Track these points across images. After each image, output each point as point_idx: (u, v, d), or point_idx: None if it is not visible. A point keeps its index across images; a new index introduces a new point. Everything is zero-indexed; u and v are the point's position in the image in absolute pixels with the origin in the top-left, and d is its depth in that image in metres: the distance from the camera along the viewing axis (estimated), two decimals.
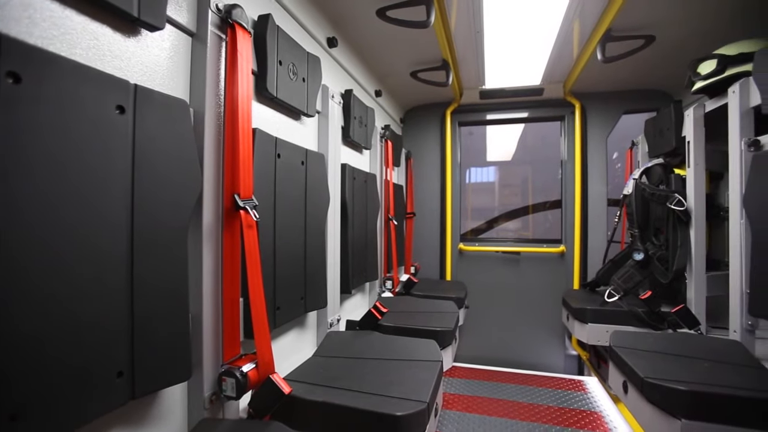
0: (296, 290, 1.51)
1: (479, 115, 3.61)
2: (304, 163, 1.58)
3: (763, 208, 1.50)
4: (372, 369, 1.41)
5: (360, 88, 2.54)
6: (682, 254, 2.13)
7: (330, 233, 1.86)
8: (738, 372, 1.35)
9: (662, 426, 1.27)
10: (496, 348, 3.50)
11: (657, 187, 2.32)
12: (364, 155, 2.61)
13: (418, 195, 3.64)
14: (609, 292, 2.47)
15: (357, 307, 2.41)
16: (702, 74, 1.95)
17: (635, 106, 3.19)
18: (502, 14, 2.16)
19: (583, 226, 3.26)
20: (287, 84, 1.48)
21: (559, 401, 2.71)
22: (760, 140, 1.61)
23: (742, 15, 1.91)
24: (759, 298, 1.52)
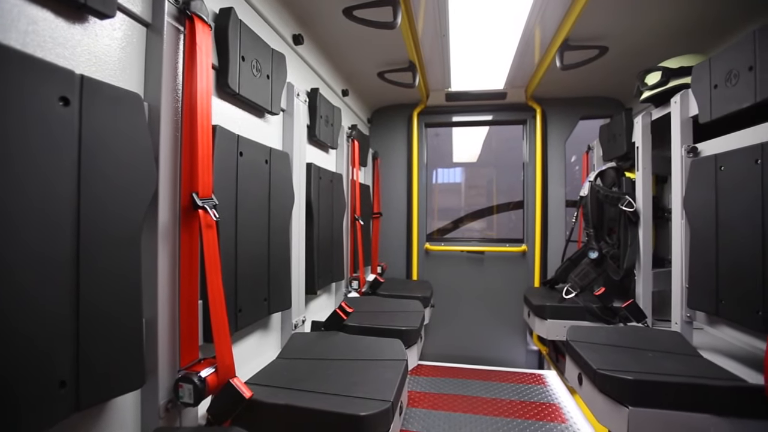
0: (259, 291, 1.48)
1: (445, 117, 3.67)
2: (268, 161, 1.55)
3: (700, 210, 1.63)
4: (337, 370, 1.41)
5: (326, 87, 2.52)
6: (632, 252, 2.27)
7: (295, 233, 1.83)
8: (678, 360, 1.46)
9: (612, 414, 1.34)
10: (461, 345, 3.57)
11: (610, 189, 2.45)
12: (331, 155, 2.59)
13: (384, 195, 3.66)
14: (566, 289, 2.59)
15: (323, 307, 2.39)
16: (649, 84, 2.09)
17: (591, 113, 3.37)
18: (466, 19, 2.21)
19: (544, 226, 3.40)
20: (250, 80, 1.44)
21: (521, 395, 2.81)
22: (698, 147, 1.74)
23: (685, 32, 2.06)
24: (696, 292, 1.65)
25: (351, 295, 2.64)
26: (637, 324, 2.08)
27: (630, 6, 1.89)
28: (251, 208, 1.43)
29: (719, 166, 1.54)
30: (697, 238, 1.67)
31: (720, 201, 1.52)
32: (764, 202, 1.29)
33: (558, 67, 2.39)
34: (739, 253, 1.41)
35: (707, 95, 1.58)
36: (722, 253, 1.50)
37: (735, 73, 1.42)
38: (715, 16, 1.89)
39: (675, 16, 1.94)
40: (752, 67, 1.33)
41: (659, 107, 2.10)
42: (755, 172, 1.34)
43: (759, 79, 1.30)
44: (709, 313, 1.60)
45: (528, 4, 1.99)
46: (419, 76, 2.77)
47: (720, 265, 1.50)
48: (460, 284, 3.58)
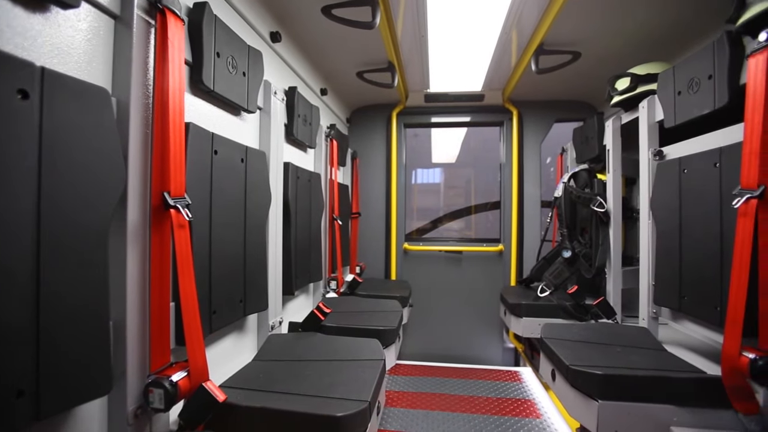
0: (234, 293, 1.45)
1: (424, 118, 3.70)
2: (244, 160, 1.52)
3: (665, 211, 1.70)
4: (314, 371, 1.39)
5: (305, 86, 2.50)
6: (603, 251, 2.35)
7: (272, 233, 1.80)
8: (644, 355, 1.52)
9: (583, 408, 1.39)
10: (439, 344, 3.61)
11: (583, 190, 2.53)
12: (309, 154, 2.57)
13: (363, 195, 3.65)
14: (541, 287, 2.65)
15: (301, 308, 2.37)
16: (618, 90, 2.16)
17: (565, 116, 3.46)
18: (445, 20, 2.23)
19: (520, 226, 3.47)
20: (226, 77, 1.41)
21: (497, 392, 2.86)
22: (663, 151, 1.82)
23: (652, 41, 2.15)
24: (661, 290, 1.72)
25: (329, 296, 2.62)
26: (607, 320, 2.15)
27: (601, 14, 1.96)
28: (226, 208, 1.40)
29: (683, 169, 1.61)
30: (662, 237, 1.74)
31: (683, 202, 1.59)
32: (722, 203, 1.36)
33: (533, 70, 2.45)
34: (700, 252, 1.48)
35: (671, 101, 1.66)
36: (685, 251, 1.57)
37: (696, 81, 1.49)
38: (679, 27, 1.98)
39: (643, 25, 2.02)
40: (711, 75, 1.40)
41: (628, 112, 2.18)
42: (714, 175, 1.41)
43: (717, 87, 1.37)
44: (673, 309, 1.67)
45: (505, 8, 2.03)
46: (398, 76, 2.78)
47: (683, 263, 1.58)
48: (439, 284, 3.62)
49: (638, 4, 1.86)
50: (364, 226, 3.62)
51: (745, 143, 1.19)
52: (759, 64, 1.16)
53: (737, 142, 1.26)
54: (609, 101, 2.27)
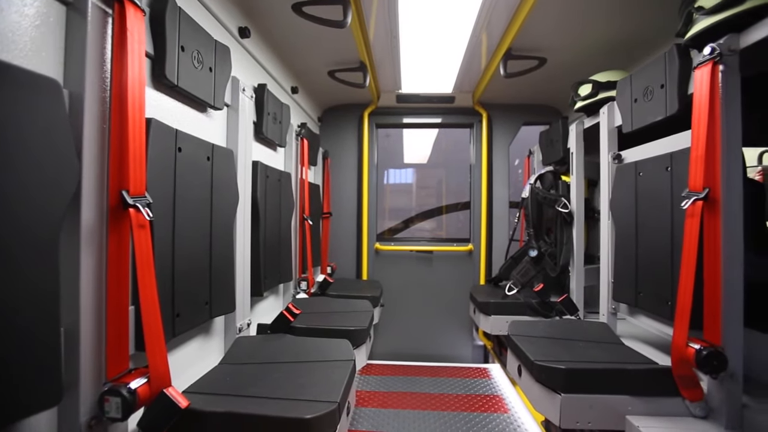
0: (200, 295, 1.40)
1: (396, 118, 3.72)
2: (210, 158, 1.48)
3: (623, 212, 1.79)
4: (283, 373, 1.37)
5: (275, 84, 2.45)
6: (567, 251, 2.44)
7: (239, 233, 1.76)
8: (604, 349, 1.59)
9: (547, 402, 1.44)
10: (411, 343, 3.64)
11: (548, 191, 2.62)
12: (279, 153, 2.52)
13: (335, 195, 3.63)
14: (509, 286, 2.73)
15: (270, 310, 2.32)
16: (581, 95, 2.26)
17: (533, 119, 3.58)
18: (416, 22, 2.26)
19: (489, 226, 3.56)
20: (191, 72, 1.36)
21: (467, 389, 2.92)
22: (622, 154, 1.91)
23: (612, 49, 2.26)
24: (619, 286, 1.81)
25: (299, 296, 2.59)
26: (570, 317, 2.24)
27: (564, 23, 2.04)
28: (191, 207, 1.35)
29: (638, 172, 1.70)
30: (620, 236, 1.83)
31: (639, 204, 1.68)
32: (673, 205, 1.44)
33: (502, 74, 2.51)
34: (654, 250, 1.56)
35: (629, 108, 1.74)
36: (640, 250, 1.66)
37: (650, 89, 1.58)
38: (636, 37, 2.10)
39: (603, 34, 2.12)
40: (663, 85, 1.49)
41: (590, 117, 2.28)
42: (666, 179, 1.49)
43: (668, 96, 1.46)
44: (630, 304, 1.77)
45: (474, 12, 2.07)
46: (370, 76, 2.78)
47: (639, 261, 1.66)
48: (410, 283, 3.65)
49: (599, 15, 1.96)
50: (335, 226, 3.60)
51: (692, 149, 1.27)
52: (704, 75, 1.24)
53: (686, 148, 1.34)
54: (573, 106, 2.36)
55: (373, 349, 3.57)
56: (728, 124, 1.23)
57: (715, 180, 1.22)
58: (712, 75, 1.22)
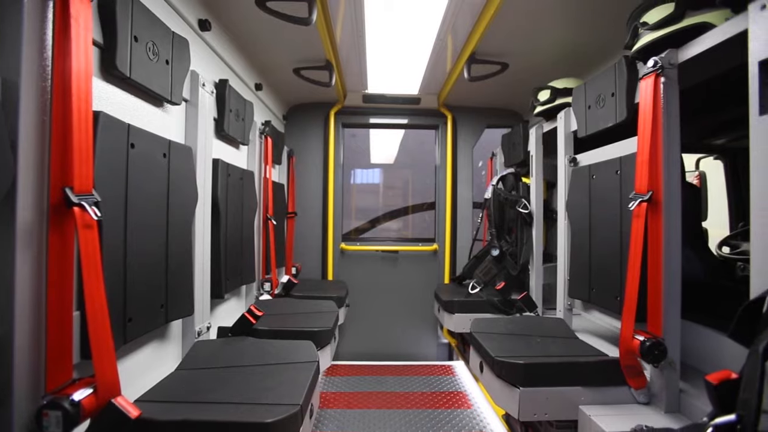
0: (154, 298, 1.34)
1: (362, 118, 3.72)
2: (167, 155, 1.41)
3: (578, 212, 1.89)
4: (243, 377, 1.33)
5: (237, 80, 2.38)
6: (527, 250, 2.54)
7: (199, 233, 1.69)
8: (560, 344, 1.67)
9: (506, 396, 1.49)
10: (376, 343, 3.65)
11: (510, 192, 2.71)
12: (242, 151, 2.45)
13: (300, 194, 3.58)
14: (472, 284, 2.80)
15: (232, 312, 2.25)
16: (541, 101, 2.36)
17: (496, 122, 3.69)
18: (383, 23, 2.26)
19: (453, 226, 3.63)
20: (146, 64, 1.30)
21: (431, 386, 2.97)
22: (577, 158, 2.01)
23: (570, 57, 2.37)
24: (574, 283, 1.91)
25: (263, 298, 2.53)
26: (530, 313, 2.33)
27: (526, 31, 2.12)
28: (145, 206, 1.29)
29: (592, 175, 1.79)
30: (575, 236, 1.92)
31: (592, 205, 1.78)
32: (622, 206, 1.53)
33: (466, 78, 2.57)
34: (605, 249, 1.66)
35: (583, 114, 1.84)
36: (593, 248, 1.75)
37: (603, 97, 1.67)
38: (591, 47, 2.22)
39: (561, 43, 2.23)
40: (614, 93, 1.58)
41: (549, 121, 2.38)
42: (616, 181, 1.59)
43: (618, 104, 1.55)
44: (584, 300, 1.86)
45: (439, 15, 2.11)
46: (336, 75, 2.76)
47: (592, 259, 1.76)
48: (375, 283, 3.66)
49: (557, 24, 2.05)
50: (300, 226, 3.54)
51: (638, 154, 1.35)
52: (648, 86, 1.33)
53: (633, 153, 1.43)
54: (533, 111, 2.46)
55: (338, 350, 3.55)
56: (668, 131, 1.32)
57: (658, 183, 1.31)
58: (655, 86, 1.31)
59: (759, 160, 0.99)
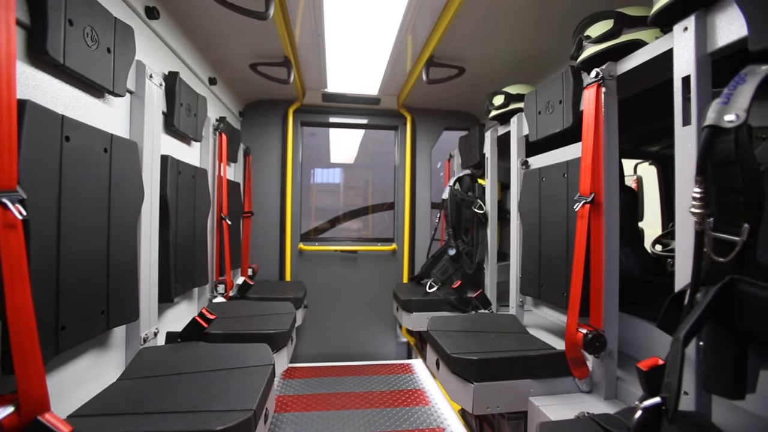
0: (94, 304, 1.24)
1: (321, 117, 3.68)
2: (108, 150, 1.32)
3: (529, 213, 1.98)
4: (193, 384, 1.27)
5: (189, 73, 2.27)
6: (482, 249, 2.62)
7: (145, 234, 1.59)
8: (512, 339, 1.74)
9: (461, 391, 1.53)
10: (336, 344, 3.62)
11: (466, 193, 2.79)
12: (194, 148, 2.34)
13: (257, 193, 3.47)
14: (430, 283, 2.85)
15: (182, 316, 2.14)
16: (495, 105, 2.44)
17: (453, 124, 3.78)
18: (342, 21, 2.25)
19: (412, 225, 3.68)
20: (83, 51, 1.20)
21: (390, 385, 2.99)
22: (529, 161, 2.11)
23: (522, 64, 2.48)
24: (525, 281, 2.00)
25: (216, 301, 2.43)
26: (485, 311, 2.41)
27: (481, 37, 2.19)
28: (83, 205, 1.19)
29: (542, 178, 1.88)
30: (526, 236, 2.01)
31: (542, 206, 1.87)
32: (568, 207, 1.62)
33: (424, 80, 2.62)
34: (553, 247, 1.75)
35: (534, 119, 1.93)
36: (543, 248, 1.84)
37: (551, 103, 1.76)
38: (541, 56, 2.33)
39: (515, 50, 2.32)
40: (561, 101, 1.67)
41: (503, 125, 2.47)
42: (563, 184, 1.68)
43: (565, 111, 1.64)
44: (534, 297, 1.95)
45: (399, 16, 2.13)
46: (295, 73, 2.71)
47: (541, 257, 1.85)
48: (335, 283, 3.63)
49: (512, 32, 2.14)
50: (257, 226, 3.44)
51: (582, 159, 1.44)
52: (590, 95, 1.42)
53: (578, 157, 1.52)
54: (488, 115, 2.54)
55: (296, 352, 3.49)
56: (609, 138, 1.42)
57: (599, 186, 1.41)
58: (597, 95, 1.41)
59: (682, 166, 1.09)
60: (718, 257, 0.86)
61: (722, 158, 0.82)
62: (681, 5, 1.09)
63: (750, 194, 0.80)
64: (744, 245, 0.81)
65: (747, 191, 0.80)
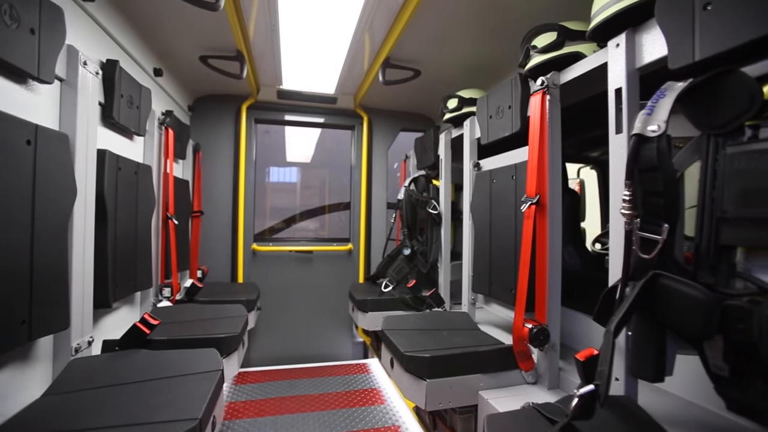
0: (12, 312, 1.12)
1: (277, 115, 3.59)
2: (33, 143, 1.20)
3: (480, 213, 2.05)
4: (132, 395, 1.19)
5: (131, 62, 2.12)
6: (436, 248, 2.68)
7: (78, 235, 1.47)
8: (464, 335, 1.79)
9: (415, 389, 1.56)
10: (290, 346, 3.55)
11: (421, 194, 2.84)
12: (137, 142, 2.19)
13: (207, 192, 3.32)
14: (385, 283, 2.87)
15: (123, 323, 2.00)
16: (449, 108, 2.51)
17: (409, 126, 3.84)
18: (298, 17, 2.21)
19: (368, 225, 3.69)
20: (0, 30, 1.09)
21: (346, 386, 2.98)
22: (480, 163, 2.19)
23: (475, 69, 2.56)
24: (477, 279, 2.07)
25: (161, 305, 2.29)
26: (438, 309, 2.46)
27: (436, 41, 2.24)
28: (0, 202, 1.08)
29: (492, 179, 1.96)
30: (478, 235, 2.09)
31: (492, 206, 1.94)
32: (516, 208, 1.70)
33: (381, 81, 2.63)
34: (502, 246, 1.82)
35: (485, 123, 2.00)
36: (493, 246, 1.92)
37: (502, 108, 1.84)
38: (493, 62, 2.42)
39: (469, 55, 2.40)
40: (510, 106, 1.75)
41: (456, 128, 2.54)
42: (511, 185, 1.76)
43: (513, 116, 1.72)
44: (485, 294, 2.03)
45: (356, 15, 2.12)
46: (248, 68, 2.62)
47: (491, 256, 1.92)
48: (289, 284, 3.56)
49: (466, 38, 2.21)
50: (207, 226, 3.29)
51: (529, 162, 1.52)
52: (536, 102, 1.50)
53: (525, 161, 1.60)
54: (442, 117, 2.61)
55: (249, 356, 3.38)
56: (552, 143, 1.51)
57: (544, 188, 1.49)
58: (542, 102, 1.49)
59: (615, 171, 1.18)
60: (644, 254, 0.94)
61: (646, 164, 0.90)
62: (614, 23, 1.18)
63: (669, 197, 0.88)
64: (664, 243, 0.89)
65: (666, 195, 0.88)
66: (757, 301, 0.77)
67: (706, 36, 0.89)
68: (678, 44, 0.95)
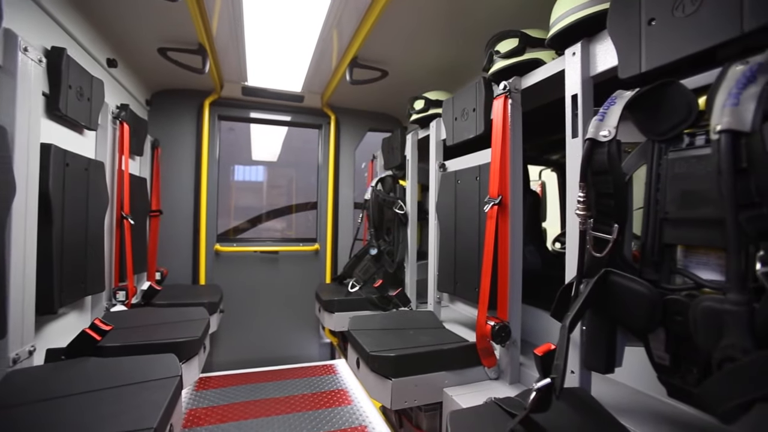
0: None
1: (241, 112, 3.49)
2: None
3: (445, 214, 2.09)
4: (78, 407, 1.12)
5: (81, 50, 1.99)
6: (403, 248, 2.70)
7: (18, 235, 1.36)
8: (429, 334, 1.82)
9: (380, 388, 1.56)
10: (256, 349, 3.46)
11: (388, 194, 2.85)
12: (88, 137, 2.06)
13: (167, 191, 3.18)
14: (352, 283, 2.86)
15: (71, 329, 1.87)
16: (416, 109, 2.54)
17: (377, 126, 3.84)
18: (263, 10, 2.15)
19: (334, 225, 3.67)
20: None
21: (313, 388, 2.94)
22: (446, 164, 2.23)
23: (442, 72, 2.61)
24: (442, 278, 2.10)
25: (115, 309, 2.17)
26: (404, 308, 2.48)
27: (403, 42, 2.26)
28: None
29: (457, 180, 2.00)
30: (443, 235, 2.12)
31: (457, 207, 1.98)
32: (480, 209, 1.75)
33: (348, 81, 2.62)
34: (466, 246, 1.87)
35: (451, 125, 2.04)
36: (458, 246, 1.96)
37: (466, 111, 1.88)
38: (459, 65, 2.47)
39: (435, 57, 2.44)
40: (475, 109, 1.79)
41: (423, 129, 2.58)
42: (475, 186, 1.80)
43: (477, 118, 1.77)
44: (450, 293, 2.06)
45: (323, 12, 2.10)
46: (211, 62, 2.53)
47: (456, 255, 1.96)
48: (254, 286, 3.47)
49: (432, 40, 2.24)
50: (167, 226, 3.14)
51: (492, 163, 1.56)
52: (499, 106, 1.55)
53: (488, 162, 1.64)
54: (409, 118, 2.63)
55: (211, 361, 3.26)
56: (514, 145, 1.56)
57: (506, 189, 1.54)
58: (504, 106, 1.54)
59: (571, 174, 1.24)
60: (596, 253, 0.99)
61: (599, 167, 0.95)
62: (571, 33, 1.24)
63: (618, 199, 0.94)
64: (615, 242, 0.94)
65: (616, 196, 0.94)
66: (693, 295, 0.84)
67: (651, 49, 0.95)
68: (627, 55, 1.01)
